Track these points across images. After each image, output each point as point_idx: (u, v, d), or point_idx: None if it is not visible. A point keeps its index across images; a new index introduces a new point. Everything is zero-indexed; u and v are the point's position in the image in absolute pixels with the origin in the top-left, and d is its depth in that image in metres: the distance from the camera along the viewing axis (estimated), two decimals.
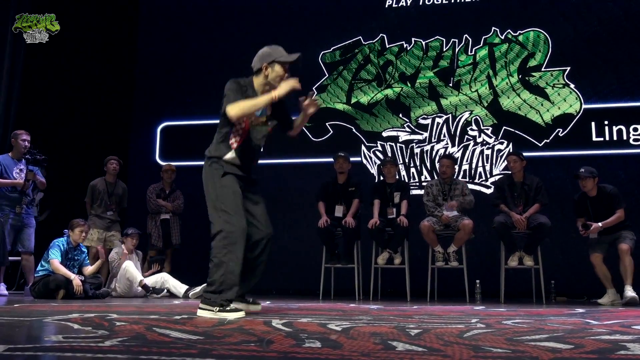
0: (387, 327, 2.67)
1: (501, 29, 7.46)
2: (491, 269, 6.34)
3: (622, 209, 5.55)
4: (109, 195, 6.81)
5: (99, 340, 2.06)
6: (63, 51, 8.15)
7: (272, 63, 3.52)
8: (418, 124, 7.46)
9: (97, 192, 6.80)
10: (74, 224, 5.89)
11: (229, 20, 8.30)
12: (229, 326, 2.65)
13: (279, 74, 3.51)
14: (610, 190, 5.65)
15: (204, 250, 8.25)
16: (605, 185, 5.71)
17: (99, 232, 6.67)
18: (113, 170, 6.87)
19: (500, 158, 7.10)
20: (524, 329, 2.64)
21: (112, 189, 6.86)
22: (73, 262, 5.85)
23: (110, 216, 6.78)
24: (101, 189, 6.81)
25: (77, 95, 8.19)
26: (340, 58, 7.87)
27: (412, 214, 6.21)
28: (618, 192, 5.63)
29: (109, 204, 6.79)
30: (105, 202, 6.78)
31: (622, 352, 1.88)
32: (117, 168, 6.90)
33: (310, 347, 1.95)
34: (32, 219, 6.33)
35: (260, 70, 3.54)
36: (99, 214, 6.74)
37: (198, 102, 8.09)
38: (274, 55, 3.53)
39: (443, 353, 1.83)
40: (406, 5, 7.78)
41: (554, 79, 7.18)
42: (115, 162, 6.90)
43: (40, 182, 6.32)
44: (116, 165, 6.90)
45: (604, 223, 5.49)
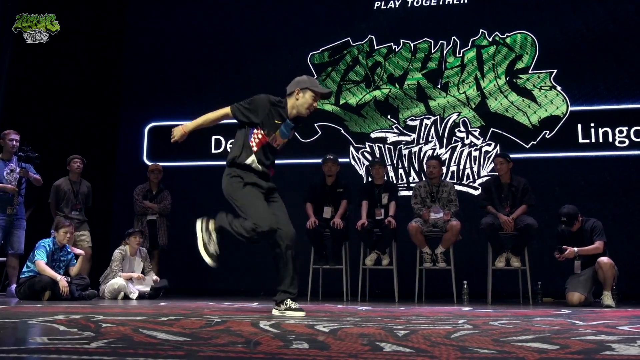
0: (374, 328, 2.67)
1: (489, 31, 7.50)
2: (478, 270, 6.38)
3: (601, 242, 5.36)
4: (75, 194, 6.72)
5: (84, 342, 2.05)
6: (50, 51, 8.09)
7: (305, 89, 3.69)
8: (406, 125, 7.48)
9: (62, 192, 6.67)
10: (60, 224, 5.85)
11: (217, 20, 8.28)
12: (216, 327, 2.64)
13: (308, 102, 3.70)
14: (592, 224, 5.45)
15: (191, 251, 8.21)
16: (589, 218, 5.52)
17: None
18: (77, 169, 6.76)
19: (488, 159, 7.14)
20: (511, 329, 2.66)
21: (77, 188, 6.76)
22: (59, 263, 5.81)
23: (77, 216, 6.68)
24: (66, 188, 6.70)
25: (64, 94, 8.13)
26: (329, 59, 7.87)
27: (400, 215, 6.23)
28: (600, 226, 5.42)
29: (75, 202, 6.70)
30: (72, 202, 6.69)
31: (607, 352, 1.90)
32: (80, 167, 6.79)
33: (298, 349, 1.94)
34: (23, 221, 6.28)
35: (293, 93, 3.73)
36: (66, 214, 6.65)
37: (186, 102, 8.06)
38: (309, 84, 3.71)
39: (430, 354, 1.83)
40: (395, 7, 7.80)
41: (541, 81, 7.24)
42: (79, 161, 6.79)
43: (35, 179, 6.28)
44: (80, 164, 6.79)
45: (580, 249, 5.34)
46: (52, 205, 6.72)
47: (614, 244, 6.51)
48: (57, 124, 8.01)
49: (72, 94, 8.17)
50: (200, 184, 7.84)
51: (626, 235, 6.70)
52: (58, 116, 8.06)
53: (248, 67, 8.03)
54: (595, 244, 5.35)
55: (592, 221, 5.48)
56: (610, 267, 5.25)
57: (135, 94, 8.29)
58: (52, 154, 7.56)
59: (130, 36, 8.50)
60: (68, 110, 8.10)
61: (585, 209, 6.38)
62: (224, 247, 3.71)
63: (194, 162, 7.94)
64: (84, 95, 8.19)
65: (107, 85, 8.31)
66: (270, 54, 7.98)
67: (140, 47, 8.43)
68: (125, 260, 6.30)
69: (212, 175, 7.79)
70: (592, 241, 5.39)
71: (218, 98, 7.97)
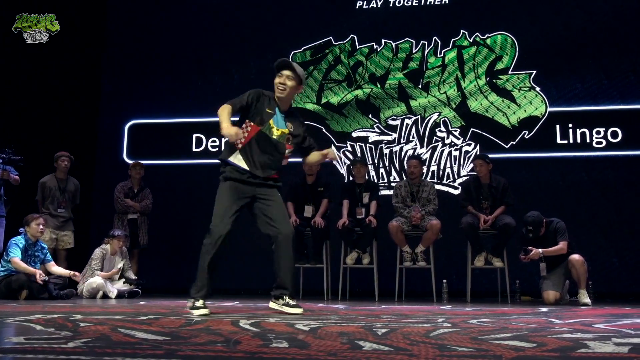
0: (354, 326, 2.68)
1: (470, 32, 7.56)
2: (458, 269, 6.44)
3: (565, 242, 5.45)
4: (61, 192, 6.66)
5: (62, 341, 2.03)
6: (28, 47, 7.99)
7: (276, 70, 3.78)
8: (387, 124, 7.51)
9: (48, 190, 6.61)
10: (29, 218, 5.76)
11: (199, 18, 8.23)
12: (196, 327, 2.63)
13: (275, 82, 3.74)
14: (555, 225, 5.54)
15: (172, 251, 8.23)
16: (552, 220, 5.60)
17: (51, 232, 6.47)
18: (64, 166, 6.69)
19: (468, 159, 7.20)
20: (489, 328, 2.68)
21: (63, 186, 6.69)
22: (34, 259, 5.74)
23: (63, 213, 6.60)
24: (52, 186, 6.63)
25: (42, 91, 8.03)
26: (311, 58, 7.87)
27: (381, 214, 6.25)
28: (563, 226, 5.51)
29: (62, 200, 6.63)
30: (58, 199, 6.62)
31: (583, 350, 1.93)
32: (68, 164, 6.73)
33: (278, 347, 1.95)
34: (3, 220, 6.19)
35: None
36: (51, 211, 6.57)
37: (167, 100, 8.02)
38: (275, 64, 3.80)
39: (409, 352, 1.85)
40: (376, 7, 7.83)
41: (521, 82, 7.31)
42: (66, 159, 6.72)
43: (14, 179, 6.20)
44: (67, 161, 6.72)
45: (544, 251, 5.44)
46: (39, 202, 6.66)
47: (590, 243, 6.63)
48: (36, 121, 7.90)
49: (52, 92, 8.07)
50: (180, 182, 7.81)
51: (601, 235, 6.80)
52: (37, 114, 7.96)
53: (229, 65, 8.00)
54: (560, 244, 5.45)
55: (556, 222, 5.57)
56: (582, 264, 5.35)
57: (115, 91, 8.21)
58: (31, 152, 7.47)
59: (110, 33, 8.41)
60: (47, 107, 8.00)
61: (563, 208, 6.49)
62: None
63: (175, 160, 7.89)
64: (64, 93, 8.09)
65: (87, 83, 8.21)
66: (251, 52, 7.96)
67: (121, 44, 8.35)
68: (105, 260, 6.24)
69: (193, 173, 7.81)
70: (557, 242, 5.48)
71: (199, 96, 7.97)
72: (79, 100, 8.11)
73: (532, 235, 5.51)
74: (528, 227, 5.49)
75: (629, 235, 6.78)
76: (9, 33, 8.11)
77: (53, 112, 7.98)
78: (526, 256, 5.47)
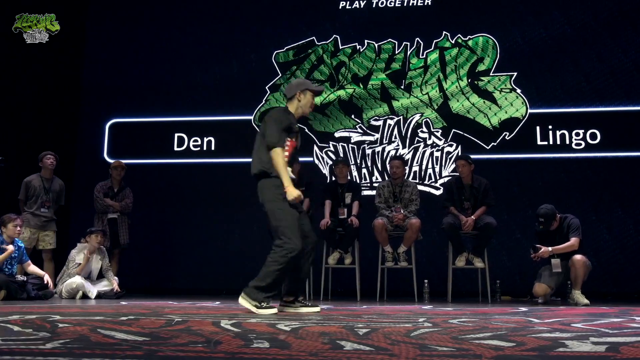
0: (336, 326, 2.68)
1: (452, 34, 7.61)
2: (439, 269, 6.48)
3: (577, 238, 5.30)
4: (46, 191, 6.58)
5: (39, 342, 2.00)
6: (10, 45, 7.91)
7: (304, 90, 4.04)
8: (370, 125, 7.53)
9: (33, 189, 6.52)
10: (6, 219, 5.68)
11: (180, 17, 8.18)
12: (176, 327, 2.62)
13: (310, 101, 4.06)
14: (569, 221, 5.43)
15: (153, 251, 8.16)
16: (566, 216, 5.50)
17: (31, 232, 6.38)
18: (50, 165, 6.60)
19: (450, 160, 7.24)
20: (469, 327, 2.70)
21: (49, 185, 6.61)
22: (10, 260, 5.66)
23: (45, 213, 6.53)
24: (37, 185, 6.55)
25: (23, 91, 7.94)
26: (294, 58, 7.87)
27: (363, 214, 6.27)
28: (577, 222, 5.40)
29: (45, 200, 6.55)
30: (42, 199, 6.54)
31: (561, 349, 1.95)
32: (54, 163, 6.65)
33: (259, 348, 1.94)
34: None
35: (294, 96, 4.04)
36: (34, 211, 6.48)
37: (148, 99, 7.96)
38: (307, 85, 4.07)
39: (390, 352, 1.85)
40: (359, 8, 7.85)
41: (502, 84, 7.38)
42: (52, 157, 6.64)
43: None
44: (53, 160, 6.64)
45: (554, 248, 5.32)
46: (21, 201, 6.57)
47: None
48: (16, 120, 7.80)
49: (32, 91, 7.98)
50: (162, 181, 7.76)
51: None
52: (17, 113, 7.86)
53: (212, 64, 7.96)
54: (571, 240, 5.32)
55: (570, 218, 5.46)
56: (583, 265, 5.22)
57: (96, 90, 8.12)
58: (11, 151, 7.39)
59: (91, 32, 8.32)
60: (27, 107, 7.91)
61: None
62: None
63: (156, 159, 7.84)
64: (44, 92, 8.01)
65: (67, 82, 8.13)
66: (234, 52, 7.94)
67: (101, 43, 8.27)
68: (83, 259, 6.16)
69: (174, 172, 7.77)
70: (568, 238, 5.35)
71: (180, 94, 7.93)
72: (59, 100, 8.03)
73: (542, 227, 5.39)
74: (540, 218, 5.37)
75: (607, 236, 6.88)
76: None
77: (34, 112, 7.89)
78: (536, 254, 5.37)
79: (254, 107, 7.72)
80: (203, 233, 7.53)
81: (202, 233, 7.53)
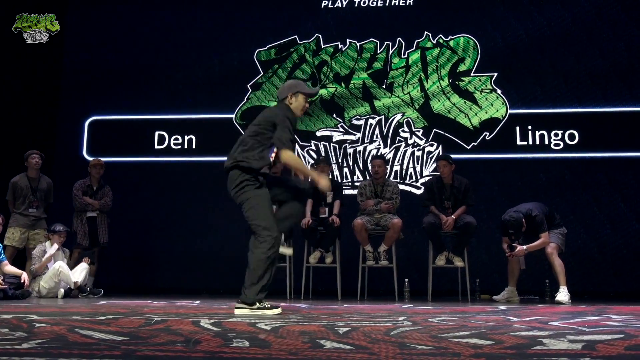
0: (316, 325, 2.69)
1: (433, 34, 7.65)
2: (419, 268, 6.51)
3: (545, 233, 5.55)
4: (33, 191, 6.51)
5: (15, 342, 1.97)
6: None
7: (296, 93, 3.93)
8: (351, 124, 7.55)
9: (20, 189, 6.46)
10: None
11: (161, 14, 8.11)
12: (155, 326, 2.60)
13: (302, 104, 3.94)
14: (535, 219, 5.58)
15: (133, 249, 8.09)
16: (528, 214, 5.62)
17: (21, 231, 6.35)
18: (35, 164, 6.54)
19: (430, 160, 7.28)
20: (449, 326, 2.72)
21: (35, 185, 6.55)
22: None
23: (34, 213, 6.47)
24: (23, 185, 6.48)
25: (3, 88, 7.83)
26: (276, 56, 7.85)
27: (344, 213, 6.28)
28: (541, 218, 5.58)
29: (33, 200, 6.48)
30: (29, 199, 6.47)
31: (539, 347, 1.97)
32: (39, 162, 6.58)
33: (238, 347, 1.94)
34: None
35: (285, 99, 3.95)
36: (22, 211, 6.43)
37: (128, 96, 7.88)
38: (299, 87, 3.96)
39: (370, 351, 1.86)
40: (342, 7, 7.85)
41: (482, 84, 7.43)
42: (37, 156, 6.57)
43: None
44: (38, 159, 6.57)
45: (529, 247, 5.55)
46: (10, 202, 6.52)
47: None
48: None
49: (9, 87, 7.86)
50: (142, 180, 7.69)
51: None
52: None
53: (192, 62, 7.91)
54: (541, 238, 5.55)
55: (534, 214, 5.58)
56: (560, 264, 5.50)
57: (75, 87, 8.03)
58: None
59: (70, 28, 8.22)
60: (5, 103, 7.79)
61: None
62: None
63: (136, 157, 7.77)
64: (22, 89, 7.90)
65: (46, 78, 8.03)
66: (215, 49, 7.90)
67: (80, 39, 8.17)
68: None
69: (154, 171, 7.71)
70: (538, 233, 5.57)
71: (161, 92, 7.87)
72: (38, 97, 7.92)
73: (515, 237, 5.59)
74: (510, 230, 5.57)
75: (584, 235, 6.97)
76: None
77: (11, 109, 7.78)
78: (511, 253, 5.57)
79: (236, 106, 7.69)
80: (183, 232, 7.48)
81: (183, 232, 7.48)
